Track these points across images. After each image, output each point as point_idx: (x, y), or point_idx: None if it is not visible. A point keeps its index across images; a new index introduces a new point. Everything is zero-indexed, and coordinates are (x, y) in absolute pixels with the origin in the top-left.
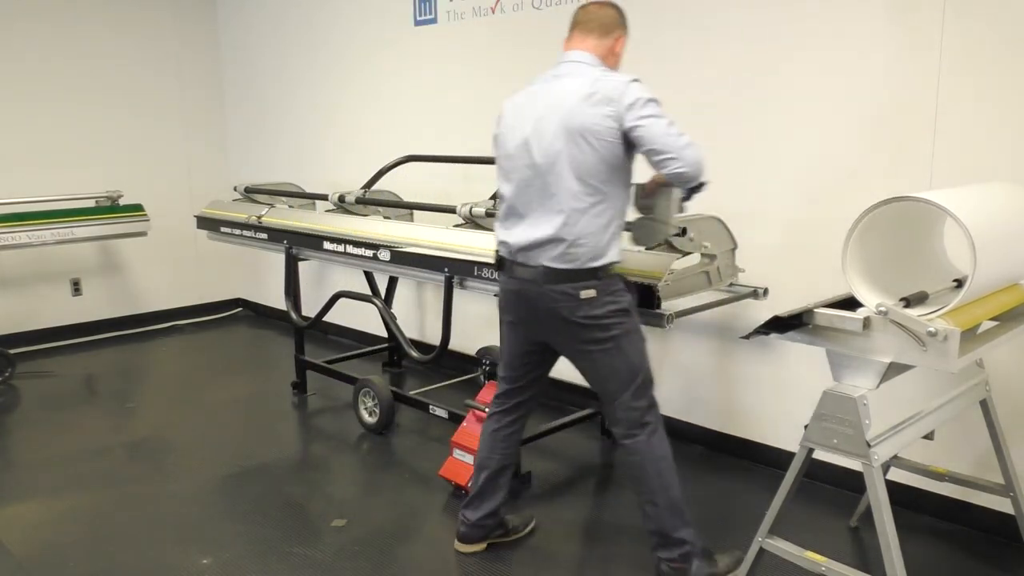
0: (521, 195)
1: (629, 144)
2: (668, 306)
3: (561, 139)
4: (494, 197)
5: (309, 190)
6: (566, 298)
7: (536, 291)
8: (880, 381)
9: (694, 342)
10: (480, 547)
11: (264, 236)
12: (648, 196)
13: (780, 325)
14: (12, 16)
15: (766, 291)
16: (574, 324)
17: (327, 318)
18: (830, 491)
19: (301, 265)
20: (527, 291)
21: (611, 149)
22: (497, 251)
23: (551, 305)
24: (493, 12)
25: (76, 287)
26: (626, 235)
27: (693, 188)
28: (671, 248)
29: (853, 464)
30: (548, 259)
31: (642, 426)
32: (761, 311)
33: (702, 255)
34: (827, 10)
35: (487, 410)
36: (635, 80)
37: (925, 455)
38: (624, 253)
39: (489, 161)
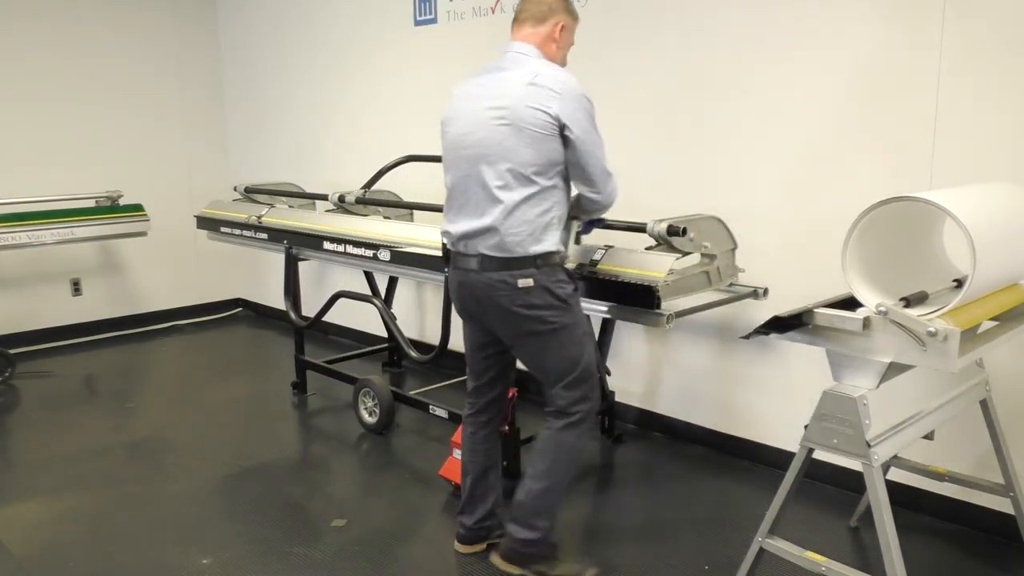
0: (460, 184)
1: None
2: (668, 306)
3: (498, 130)
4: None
5: (309, 190)
6: (504, 286)
7: (476, 279)
8: (880, 381)
9: (694, 342)
10: (480, 547)
11: (264, 236)
12: None
13: (780, 325)
14: (12, 16)
15: (766, 291)
16: (513, 313)
17: (327, 318)
18: (830, 491)
19: (301, 265)
20: (469, 280)
21: (547, 143)
22: (443, 242)
23: (490, 293)
24: (493, 12)
25: (76, 287)
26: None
27: (594, 221)
28: (671, 248)
29: (853, 464)
30: (485, 247)
31: (566, 415)
32: (761, 311)
33: (702, 255)
34: (827, 10)
35: (463, 414)
36: (573, 80)
37: (925, 455)
38: (624, 253)
39: None
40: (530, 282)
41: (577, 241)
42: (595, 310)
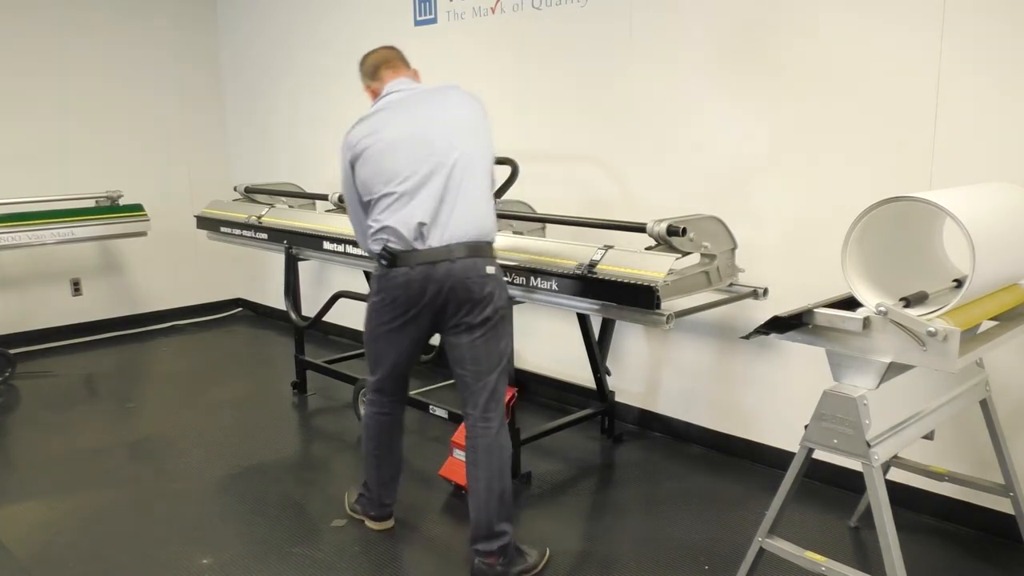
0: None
1: None
2: (668, 306)
3: (470, 137)
4: (498, 195)
5: (309, 190)
6: (475, 274)
7: (449, 268)
8: (880, 381)
9: (694, 342)
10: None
11: (264, 236)
12: None
13: (780, 325)
14: (14, 17)
15: (766, 291)
16: (481, 300)
17: (327, 318)
18: (830, 491)
19: (301, 265)
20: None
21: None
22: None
23: (464, 280)
24: (493, 12)
25: (76, 287)
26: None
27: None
28: (671, 248)
29: (853, 464)
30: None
31: (498, 414)
32: (761, 311)
33: (702, 255)
34: (826, 10)
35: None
36: None
37: (925, 455)
38: (623, 253)
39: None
40: (493, 270)
41: None
42: (591, 309)
